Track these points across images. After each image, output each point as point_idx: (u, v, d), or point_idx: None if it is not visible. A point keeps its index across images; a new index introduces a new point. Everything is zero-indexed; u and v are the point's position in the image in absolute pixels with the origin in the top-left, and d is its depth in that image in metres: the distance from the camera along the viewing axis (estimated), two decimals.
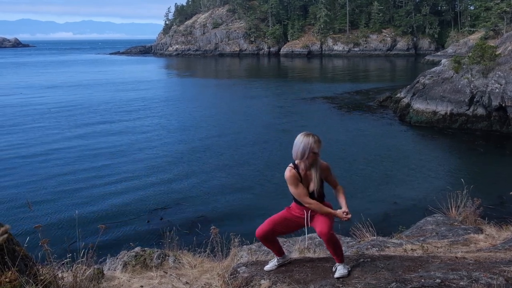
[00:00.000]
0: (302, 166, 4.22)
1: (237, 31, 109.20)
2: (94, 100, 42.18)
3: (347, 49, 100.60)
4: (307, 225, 4.29)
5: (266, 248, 6.93)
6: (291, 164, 4.26)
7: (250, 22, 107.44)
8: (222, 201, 16.92)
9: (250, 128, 28.90)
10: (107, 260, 6.11)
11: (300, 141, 4.13)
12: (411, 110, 31.23)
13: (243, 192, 17.82)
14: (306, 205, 4.21)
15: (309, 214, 4.27)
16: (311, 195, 4.23)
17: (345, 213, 4.17)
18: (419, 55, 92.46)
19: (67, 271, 4.43)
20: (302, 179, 4.22)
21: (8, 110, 36.95)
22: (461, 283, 3.66)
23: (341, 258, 4.31)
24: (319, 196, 4.25)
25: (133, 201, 16.80)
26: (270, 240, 4.47)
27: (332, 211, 4.21)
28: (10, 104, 39.83)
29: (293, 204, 4.40)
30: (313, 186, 4.23)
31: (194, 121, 32.60)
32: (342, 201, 4.29)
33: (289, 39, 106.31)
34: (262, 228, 4.38)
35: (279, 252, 4.61)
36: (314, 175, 4.22)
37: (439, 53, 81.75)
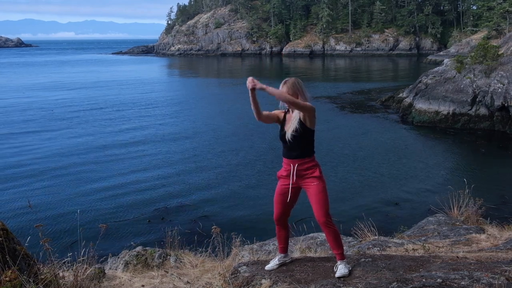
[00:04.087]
0: (290, 111, 4.36)
1: (239, 31, 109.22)
2: (98, 100, 42.24)
3: (349, 49, 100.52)
4: (293, 177, 4.30)
5: (267, 247, 6.94)
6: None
7: (252, 22, 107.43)
8: (224, 200, 16.92)
9: (252, 127, 28.88)
10: (108, 260, 6.11)
11: None
12: (413, 110, 31.20)
13: (245, 192, 17.81)
14: (256, 117, 4.27)
15: (295, 168, 4.27)
16: (284, 136, 4.28)
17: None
18: (422, 55, 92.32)
19: (68, 270, 4.43)
20: (285, 120, 4.34)
21: (11, 110, 37.05)
22: (462, 283, 3.65)
23: (340, 252, 4.30)
24: (295, 142, 4.21)
25: (135, 201, 16.82)
26: (285, 226, 4.60)
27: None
28: (14, 104, 39.94)
29: (283, 161, 4.41)
30: (289, 125, 4.28)
31: (197, 120, 32.62)
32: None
33: (291, 39, 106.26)
34: (275, 212, 4.56)
35: (284, 247, 4.65)
36: (294, 115, 4.29)
37: (441, 53, 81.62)
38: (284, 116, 4.38)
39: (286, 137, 4.26)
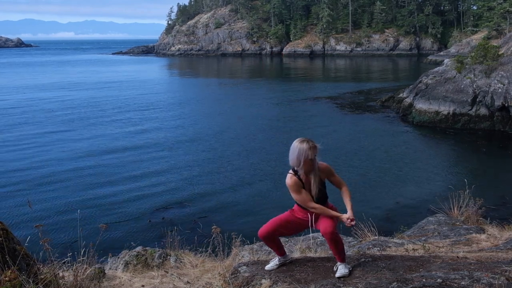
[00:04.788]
0: (301, 172, 4.20)
1: (240, 31, 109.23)
2: (99, 101, 42.24)
3: (350, 49, 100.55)
4: (312, 227, 4.30)
5: (267, 248, 6.92)
6: (290, 171, 4.25)
7: (252, 22, 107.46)
8: (224, 201, 16.92)
9: (253, 128, 28.90)
10: (109, 260, 6.11)
11: (295, 148, 4.10)
12: (413, 110, 31.19)
13: (245, 192, 17.81)
14: (311, 210, 4.21)
15: (313, 217, 4.28)
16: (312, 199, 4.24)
17: (349, 220, 4.14)
18: (422, 55, 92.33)
19: (68, 270, 4.43)
20: (304, 185, 4.22)
21: (11, 111, 37.06)
22: (462, 283, 3.64)
23: (342, 257, 4.30)
24: (320, 199, 4.24)
25: (135, 201, 16.82)
26: (272, 240, 4.50)
27: (338, 214, 4.19)
28: (14, 105, 39.94)
29: (295, 207, 4.40)
30: (313, 190, 4.21)
31: (197, 121, 32.62)
32: (347, 205, 4.24)
33: (291, 39, 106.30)
34: (265, 228, 4.41)
35: (280, 251, 4.61)
36: (313, 179, 4.20)
37: (441, 53, 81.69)
38: (301, 180, 4.24)
39: (314, 199, 4.25)
